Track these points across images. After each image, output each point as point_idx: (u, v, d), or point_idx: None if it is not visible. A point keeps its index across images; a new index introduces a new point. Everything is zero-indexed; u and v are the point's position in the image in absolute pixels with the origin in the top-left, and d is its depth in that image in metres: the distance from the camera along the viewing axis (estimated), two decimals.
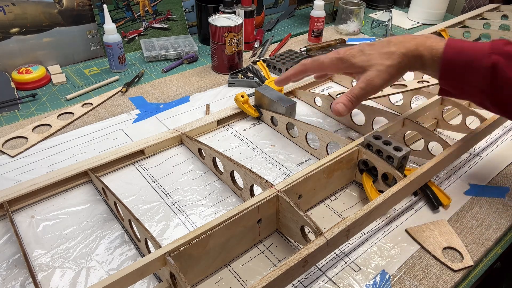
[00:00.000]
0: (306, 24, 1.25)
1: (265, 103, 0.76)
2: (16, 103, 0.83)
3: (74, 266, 0.51)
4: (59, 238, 0.55)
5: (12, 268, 0.51)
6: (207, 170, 0.66)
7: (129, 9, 1.02)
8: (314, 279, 0.50)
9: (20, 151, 0.70)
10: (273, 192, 0.51)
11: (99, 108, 0.83)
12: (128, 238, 0.55)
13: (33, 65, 0.91)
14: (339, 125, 0.78)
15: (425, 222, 0.57)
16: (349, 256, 0.52)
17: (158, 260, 0.43)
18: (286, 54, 1.00)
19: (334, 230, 0.47)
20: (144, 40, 1.05)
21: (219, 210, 0.59)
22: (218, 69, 0.96)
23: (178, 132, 0.71)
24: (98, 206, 0.60)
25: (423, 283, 0.49)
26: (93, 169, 0.63)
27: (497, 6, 1.34)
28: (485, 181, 0.65)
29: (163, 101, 0.85)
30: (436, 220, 0.57)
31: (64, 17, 0.94)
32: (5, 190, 0.58)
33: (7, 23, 0.88)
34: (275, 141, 0.73)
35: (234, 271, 0.51)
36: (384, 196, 0.52)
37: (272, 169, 0.67)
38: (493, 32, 1.11)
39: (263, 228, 0.53)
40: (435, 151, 0.65)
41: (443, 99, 0.73)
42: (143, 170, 0.66)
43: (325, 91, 0.89)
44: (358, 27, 1.19)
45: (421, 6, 1.29)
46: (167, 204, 0.60)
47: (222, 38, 0.90)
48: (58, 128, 0.76)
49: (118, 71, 0.96)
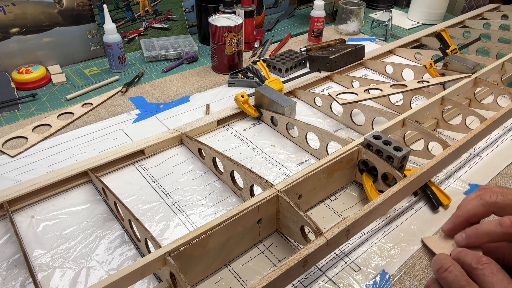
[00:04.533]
0: (306, 24, 1.25)
1: (265, 103, 0.76)
2: (16, 103, 0.83)
3: (74, 266, 0.51)
4: (59, 238, 0.55)
5: (12, 268, 0.51)
6: (207, 170, 0.66)
7: (129, 9, 1.02)
8: (314, 279, 0.50)
9: (20, 151, 0.70)
10: (273, 192, 0.51)
11: (99, 108, 0.83)
12: (128, 238, 0.55)
13: (33, 65, 0.91)
14: (339, 125, 0.78)
15: (425, 222, 0.57)
16: (349, 256, 0.52)
17: (158, 260, 0.43)
18: (286, 54, 0.99)
19: (334, 230, 0.47)
20: (144, 40, 1.05)
21: (219, 210, 0.59)
22: (218, 69, 0.96)
23: (178, 132, 0.71)
24: (98, 206, 0.60)
25: (423, 283, 0.49)
26: (93, 169, 0.63)
27: (497, 6, 1.34)
28: (485, 181, 0.65)
29: (163, 101, 0.85)
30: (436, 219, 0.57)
31: (64, 17, 0.94)
32: (5, 190, 0.58)
33: (7, 23, 0.88)
34: (275, 141, 0.73)
35: (234, 271, 0.51)
36: (384, 196, 0.52)
37: (272, 169, 0.67)
38: (493, 32, 1.11)
39: (263, 228, 0.53)
40: (435, 151, 0.65)
41: (443, 99, 0.73)
42: (143, 170, 0.66)
43: (325, 91, 0.89)
44: (358, 27, 1.19)
45: (421, 6, 1.29)
46: (167, 204, 0.60)
47: (222, 38, 0.90)
48: (58, 128, 0.76)
49: (118, 71, 0.96)
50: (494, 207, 0.44)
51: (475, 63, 0.82)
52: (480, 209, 0.45)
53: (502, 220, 0.43)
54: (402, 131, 0.67)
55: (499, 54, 1.00)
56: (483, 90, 0.84)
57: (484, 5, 1.36)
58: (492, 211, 0.45)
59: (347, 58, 0.95)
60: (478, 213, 0.46)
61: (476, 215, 0.46)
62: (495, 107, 0.78)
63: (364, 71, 0.99)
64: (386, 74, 0.96)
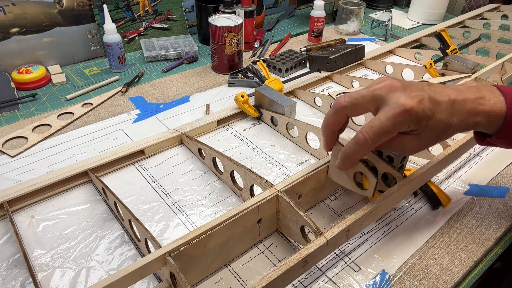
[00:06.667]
0: (306, 24, 1.25)
1: (265, 103, 0.76)
2: (16, 103, 0.83)
3: (74, 266, 0.51)
4: (59, 238, 0.55)
5: (12, 268, 0.51)
6: (207, 170, 0.66)
7: (129, 9, 1.02)
8: (314, 279, 0.50)
9: (20, 151, 0.70)
10: (273, 192, 0.51)
11: (99, 108, 0.83)
12: (128, 238, 0.55)
13: (33, 65, 0.91)
14: None
15: (425, 222, 0.57)
16: (349, 256, 0.52)
17: (158, 260, 0.43)
18: (286, 54, 0.99)
19: (334, 230, 0.47)
20: (144, 40, 1.05)
21: (219, 210, 0.59)
22: (218, 69, 0.96)
23: (178, 132, 0.71)
24: (98, 206, 0.60)
25: (423, 283, 0.49)
26: (93, 169, 0.63)
27: (497, 6, 1.34)
28: (485, 181, 0.65)
29: (163, 101, 0.85)
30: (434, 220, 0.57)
31: (64, 17, 0.94)
32: (5, 190, 0.58)
33: (7, 23, 0.88)
34: (275, 141, 0.73)
35: (234, 271, 0.51)
36: (384, 196, 0.52)
37: (272, 169, 0.67)
38: (493, 32, 1.11)
39: (263, 228, 0.53)
40: (435, 151, 0.65)
41: None
42: (143, 170, 0.66)
43: (325, 91, 0.89)
44: (358, 27, 1.19)
45: (421, 6, 1.29)
46: (167, 204, 0.60)
47: (222, 38, 0.90)
48: (58, 128, 0.76)
49: (118, 71, 0.96)
50: (346, 111, 0.47)
51: (475, 63, 0.82)
52: (335, 117, 0.48)
53: (357, 138, 0.45)
54: None
55: (499, 54, 1.00)
56: None
57: (484, 5, 1.37)
58: (345, 114, 0.47)
59: (347, 58, 0.95)
60: (335, 121, 0.48)
61: (335, 123, 0.48)
62: None
63: (364, 71, 0.99)
64: (386, 74, 0.96)
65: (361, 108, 0.46)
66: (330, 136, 0.50)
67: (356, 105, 0.46)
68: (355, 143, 0.45)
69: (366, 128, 0.44)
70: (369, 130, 0.44)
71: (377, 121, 0.43)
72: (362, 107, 0.46)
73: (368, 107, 0.46)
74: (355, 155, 0.47)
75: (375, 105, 0.45)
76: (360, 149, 0.45)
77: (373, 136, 0.44)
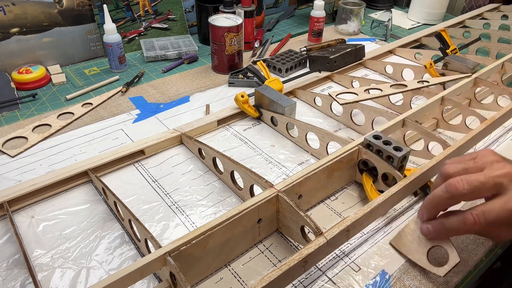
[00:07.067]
0: (306, 24, 1.25)
1: (265, 103, 0.76)
2: (16, 103, 0.83)
3: (74, 266, 0.51)
4: (59, 238, 0.55)
5: (12, 268, 0.51)
6: (207, 170, 0.66)
7: (129, 9, 1.02)
8: (314, 279, 0.50)
9: (20, 151, 0.70)
10: (273, 192, 0.51)
11: (99, 108, 0.83)
12: (128, 238, 0.55)
13: (33, 65, 0.91)
14: (339, 125, 0.78)
15: None
16: (349, 256, 0.52)
17: (158, 260, 0.43)
18: (286, 54, 0.99)
19: (334, 230, 0.47)
20: (144, 40, 1.05)
21: (219, 210, 0.59)
22: (218, 69, 0.96)
23: (178, 132, 0.71)
24: (98, 206, 0.60)
25: (423, 283, 0.49)
26: (93, 169, 0.63)
27: (497, 6, 1.34)
28: None
29: (163, 101, 0.85)
30: None
31: (64, 17, 0.94)
32: (5, 190, 0.58)
33: (7, 23, 0.88)
34: (275, 141, 0.73)
35: (234, 271, 0.51)
36: (384, 196, 0.52)
37: (272, 169, 0.67)
38: (493, 32, 1.11)
39: (263, 228, 0.53)
40: (435, 151, 0.65)
41: (443, 99, 0.73)
42: (143, 170, 0.66)
43: (325, 91, 0.89)
44: (358, 27, 1.19)
45: (421, 6, 1.29)
46: (167, 204, 0.60)
47: (222, 38, 0.90)
48: (58, 128, 0.76)
49: (118, 71, 0.96)
50: (464, 198, 0.45)
51: (475, 63, 0.82)
52: (450, 202, 0.46)
53: (466, 218, 0.43)
54: (402, 131, 0.67)
55: (499, 54, 1.00)
56: (483, 90, 0.84)
57: (484, 5, 1.36)
58: (460, 200, 0.46)
59: (347, 58, 0.95)
60: (448, 205, 0.47)
61: (447, 206, 0.47)
62: (495, 107, 0.78)
63: (364, 71, 0.99)
64: (386, 74, 0.96)
65: (479, 195, 0.44)
66: (434, 214, 0.48)
67: (476, 192, 0.43)
68: (462, 223, 0.43)
69: (478, 212, 0.42)
70: (481, 216, 0.42)
71: (493, 210, 0.42)
72: (480, 194, 0.44)
73: (486, 194, 0.44)
74: (455, 232, 0.45)
75: (493, 192, 0.43)
76: (465, 229, 0.44)
77: (485, 225, 0.42)
